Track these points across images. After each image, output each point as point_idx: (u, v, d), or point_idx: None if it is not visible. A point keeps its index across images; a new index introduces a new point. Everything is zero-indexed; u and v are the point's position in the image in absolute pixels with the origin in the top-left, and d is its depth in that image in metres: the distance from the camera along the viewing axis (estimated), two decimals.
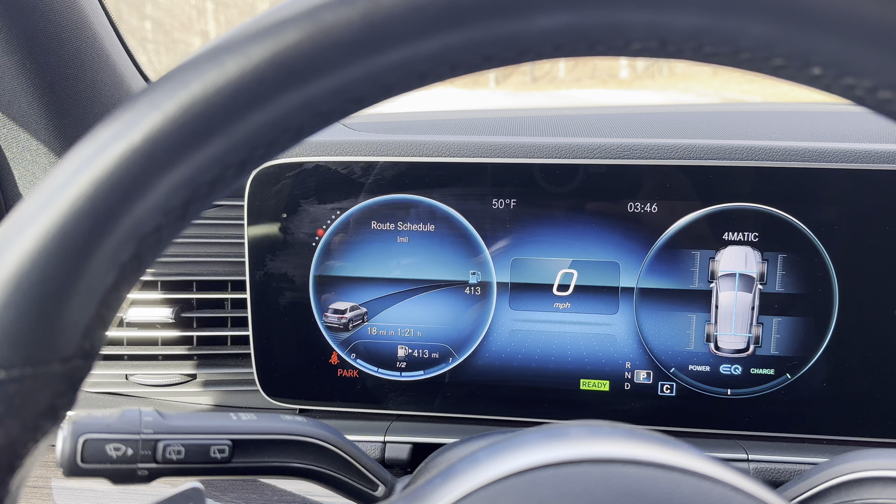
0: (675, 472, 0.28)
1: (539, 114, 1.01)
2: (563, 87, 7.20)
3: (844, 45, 0.22)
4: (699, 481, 0.27)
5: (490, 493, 0.28)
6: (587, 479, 0.27)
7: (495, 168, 0.68)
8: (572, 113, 1.02)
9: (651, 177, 0.66)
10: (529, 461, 0.28)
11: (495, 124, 0.90)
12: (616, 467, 0.28)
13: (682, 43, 0.23)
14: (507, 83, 7.98)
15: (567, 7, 0.22)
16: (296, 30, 0.22)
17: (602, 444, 0.29)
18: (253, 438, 0.42)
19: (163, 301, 0.76)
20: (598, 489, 0.26)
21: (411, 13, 0.22)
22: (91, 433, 0.39)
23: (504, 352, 0.70)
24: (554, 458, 0.28)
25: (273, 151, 0.24)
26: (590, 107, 1.09)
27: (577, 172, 0.67)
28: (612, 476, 0.27)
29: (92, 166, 0.22)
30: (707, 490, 0.27)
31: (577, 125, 0.87)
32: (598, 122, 0.89)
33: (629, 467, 0.28)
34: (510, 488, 0.28)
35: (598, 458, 0.28)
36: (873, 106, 0.24)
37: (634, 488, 0.26)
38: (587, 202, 0.67)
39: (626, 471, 0.27)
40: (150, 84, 0.23)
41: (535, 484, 0.27)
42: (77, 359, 0.24)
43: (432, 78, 0.25)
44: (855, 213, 0.65)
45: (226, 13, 14.98)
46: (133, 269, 0.24)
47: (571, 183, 0.67)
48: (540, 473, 0.28)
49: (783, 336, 0.67)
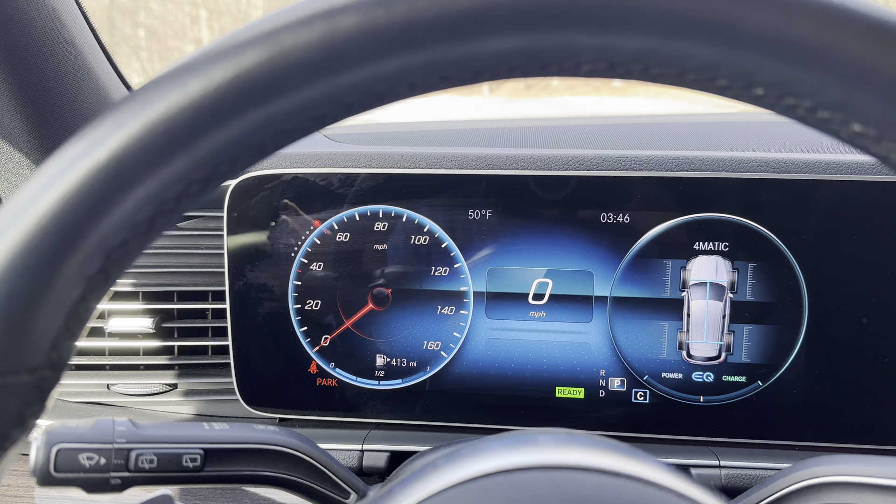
0: (621, 478, 0.29)
1: (521, 124, 1.02)
2: (556, 94, 7.24)
3: (783, 67, 0.23)
4: (644, 487, 0.28)
5: (444, 498, 0.29)
6: (535, 485, 0.28)
7: (471, 179, 0.69)
8: (553, 124, 1.03)
9: (623, 187, 0.68)
10: (483, 468, 0.29)
11: (476, 135, 0.91)
12: (564, 473, 0.29)
13: (630, 65, 0.24)
14: (501, 91, 8.04)
15: (518, 31, 0.23)
16: (256, 51, 0.23)
17: (554, 452, 0.30)
18: (225, 447, 0.43)
19: (144, 311, 0.76)
20: (546, 494, 0.27)
21: (368, 36, 0.23)
22: (64, 443, 0.39)
23: (481, 360, 0.71)
24: (506, 464, 0.29)
25: (237, 167, 0.25)
26: (572, 117, 1.10)
27: (551, 184, 0.68)
28: (560, 482, 0.28)
29: (59, 183, 0.23)
30: (651, 495, 0.28)
31: (556, 136, 0.88)
32: (578, 133, 0.90)
33: (577, 473, 0.29)
34: (463, 493, 0.29)
35: (547, 465, 0.29)
36: (814, 124, 0.25)
37: (580, 494, 0.28)
38: (561, 213, 0.68)
39: (573, 477, 0.28)
40: (116, 103, 0.24)
41: (486, 489, 0.28)
42: (45, 369, 0.25)
43: (391, 97, 0.26)
44: (823, 222, 0.66)
45: (219, 21, 15.03)
46: (100, 282, 0.25)
47: (546, 194, 0.68)
48: (492, 479, 0.29)
49: (754, 344, 0.68)
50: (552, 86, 10.27)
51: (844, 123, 0.24)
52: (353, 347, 0.72)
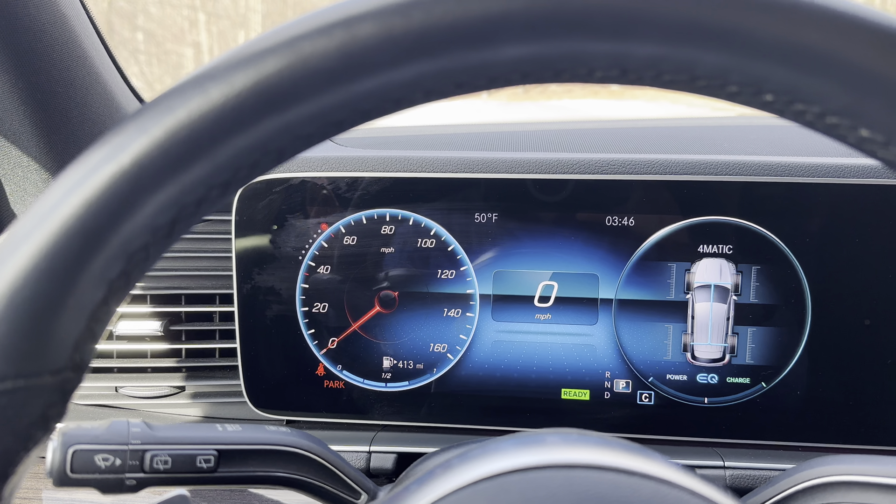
0: (634, 476, 0.29)
1: (524, 128, 1.03)
2: (554, 97, 7.20)
3: (792, 74, 0.24)
4: (658, 485, 0.29)
5: (461, 497, 0.29)
6: (551, 483, 0.29)
7: (477, 183, 0.70)
8: (555, 127, 1.04)
9: (628, 191, 0.68)
10: (498, 467, 0.30)
11: (480, 139, 0.92)
12: (579, 472, 0.29)
13: (642, 71, 0.25)
14: (499, 94, 8.02)
15: (533, 38, 0.24)
16: (276, 59, 0.23)
17: (567, 451, 0.31)
18: (238, 449, 0.44)
19: (152, 314, 0.77)
20: (561, 493, 0.28)
21: (385, 44, 0.23)
22: (80, 444, 0.40)
23: (487, 362, 0.72)
24: (521, 464, 0.30)
25: (256, 172, 0.26)
26: (573, 121, 1.11)
27: (557, 187, 0.69)
28: (575, 480, 0.29)
29: (82, 188, 0.23)
30: (665, 493, 0.29)
31: (559, 139, 0.89)
32: (580, 137, 0.91)
33: (591, 472, 0.29)
34: (479, 492, 0.29)
35: (562, 464, 0.30)
36: (823, 130, 0.26)
37: (595, 492, 0.28)
38: (567, 216, 0.69)
39: (587, 475, 0.29)
40: (139, 109, 0.25)
41: (502, 488, 0.29)
42: (67, 371, 0.25)
43: (408, 104, 0.26)
44: (826, 225, 0.67)
45: (218, 24, 15.02)
46: (121, 286, 0.25)
47: (551, 197, 0.69)
48: (507, 478, 0.29)
49: (758, 346, 0.69)
50: (550, 89, 10.28)
51: (852, 129, 0.24)
52: (360, 350, 0.73)
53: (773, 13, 0.23)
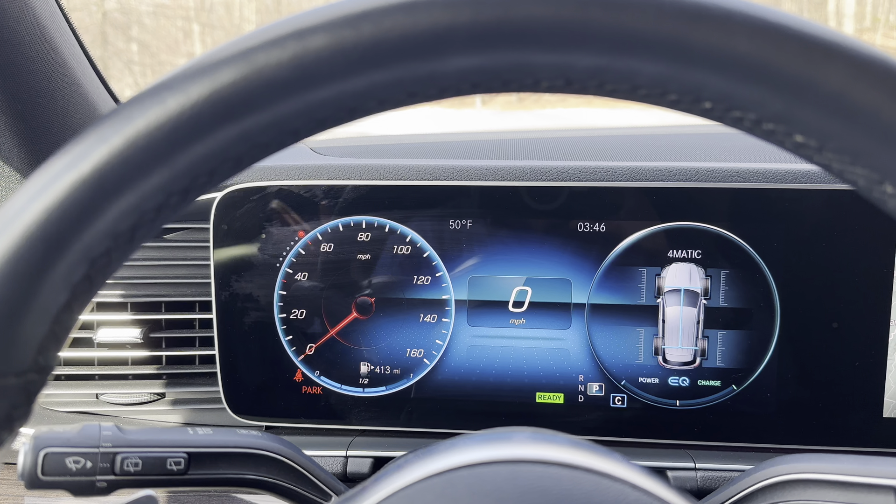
0: (577, 470, 0.30)
1: (502, 136, 1.05)
2: (549, 106, 7.26)
3: (728, 82, 0.25)
4: (599, 479, 0.30)
5: (410, 493, 0.30)
6: (497, 478, 0.30)
7: (452, 190, 0.71)
8: (534, 136, 1.06)
9: (599, 197, 0.70)
10: (446, 464, 0.31)
11: (458, 147, 0.93)
12: (523, 467, 0.30)
13: (586, 81, 0.26)
14: (493, 103, 8.10)
15: (479, 50, 0.25)
16: (231, 70, 0.24)
17: (513, 447, 0.32)
18: (208, 451, 0.45)
19: (132, 322, 0.77)
20: (506, 487, 0.29)
21: (337, 56, 0.25)
22: (52, 447, 0.41)
23: (463, 367, 0.73)
24: (468, 460, 0.31)
25: (215, 180, 0.27)
26: (553, 129, 1.13)
27: (529, 194, 0.70)
28: (519, 475, 0.30)
29: (45, 194, 0.24)
30: (605, 487, 0.30)
31: (535, 147, 0.90)
32: (557, 144, 0.92)
33: (535, 466, 0.30)
34: (428, 488, 0.30)
35: (507, 459, 0.31)
36: (761, 135, 0.27)
37: (538, 485, 0.29)
38: (540, 222, 0.70)
39: (532, 470, 0.30)
40: (99, 119, 0.26)
41: (450, 483, 0.30)
42: (31, 373, 0.26)
43: (362, 112, 0.27)
44: (793, 230, 0.68)
45: (212, 35, 15.01)
46: (85, 290, 0.26)
47: (524, 204, 0.70)
48: (455, 474, 0.30)
49: (728, 349, 0.70)
50: (544, 98, 10.34)
51: (788, 135, 0.25)
52: (337, 356, 0.74)
53: (706, 24, 0.24)
